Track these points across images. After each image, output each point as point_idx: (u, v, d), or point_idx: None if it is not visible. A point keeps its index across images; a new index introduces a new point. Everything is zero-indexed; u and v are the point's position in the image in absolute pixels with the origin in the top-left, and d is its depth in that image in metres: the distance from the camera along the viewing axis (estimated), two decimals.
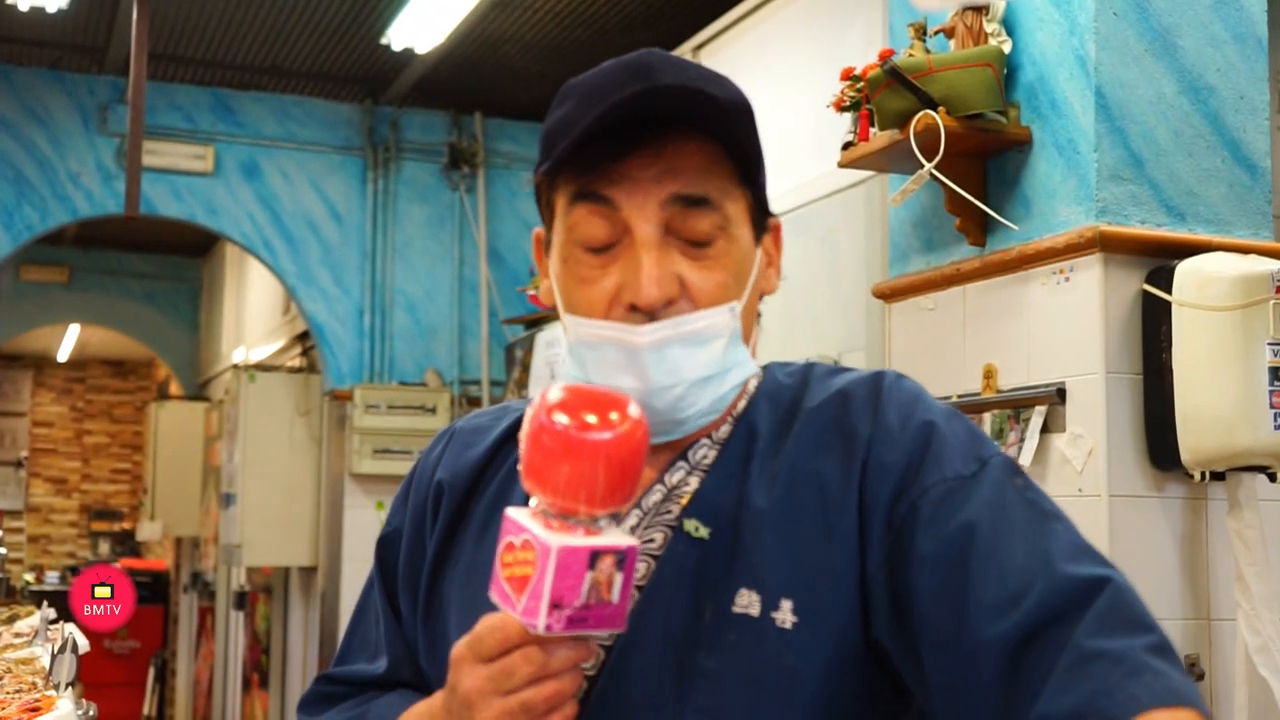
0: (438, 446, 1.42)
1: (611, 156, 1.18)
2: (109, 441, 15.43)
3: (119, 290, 11.32)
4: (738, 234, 1.22)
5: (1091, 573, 1.08)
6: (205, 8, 6.14)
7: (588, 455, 1.05)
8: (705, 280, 1.20)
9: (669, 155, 1.18)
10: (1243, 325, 2.82)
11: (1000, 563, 1.10)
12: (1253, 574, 2.86)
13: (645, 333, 1.17)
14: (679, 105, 1.17)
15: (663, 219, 1.19)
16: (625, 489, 1.08)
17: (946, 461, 1.18)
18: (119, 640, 11.09)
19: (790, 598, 1.16)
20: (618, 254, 1.20)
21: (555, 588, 1.03)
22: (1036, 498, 1.17)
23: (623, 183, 1.18)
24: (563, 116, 1.22)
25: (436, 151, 7.41)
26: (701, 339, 1.19)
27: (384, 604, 1.38)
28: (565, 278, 1.24)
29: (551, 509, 1.07)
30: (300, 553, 7.63)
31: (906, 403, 1.24)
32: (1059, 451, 3.08)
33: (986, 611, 1.08)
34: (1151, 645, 1.03)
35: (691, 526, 1.20)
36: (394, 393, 7.16)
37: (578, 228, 1.21)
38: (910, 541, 1.14)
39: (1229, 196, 3.17)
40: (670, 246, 1.19)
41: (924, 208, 3.54)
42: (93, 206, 6.91)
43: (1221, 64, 3.18)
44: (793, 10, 4.70)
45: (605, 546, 1.05)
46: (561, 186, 1.23)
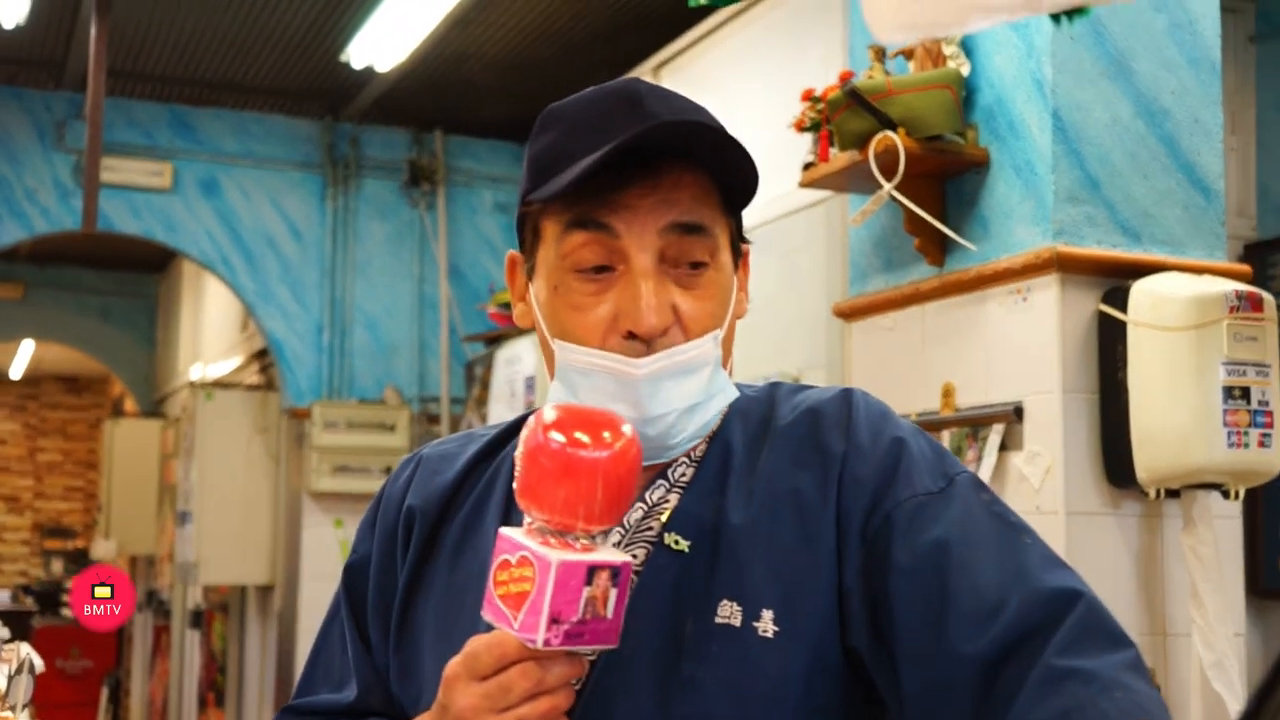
0: (405, 472, 1.42)
1: (609, 185, 1.21)
2: (63, 459, 15.29)
3: (74, 307, 11.23)
4: (723, 261, 1.26)
5: (1064, 587, 1.12)
6: (164, 23, 6.12)
7: (585, 473, 1.08)
8: (697, 309, 1.23)
9: (666, 185, 1.22)
10: (1197, 345, 2.86)
11: (975, 576, 1.14)
12: (1207, 590, 2.90)
13: (643, 365, 1.21)
14: (680, 139, 1.20)
15: (659, 247, 1.22)
16: (621, 505, 1.11)
17: (916, 477, 1.22)
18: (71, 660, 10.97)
19: (771, 608, 1.19)
20: (613, 281, 1.22)
21: (554, 602, 1.05)
22: (1003, 511, 1.22)
23: (621, 211, 1.21)
24: (552, 144, 1.25)
25: (397, 168, 7.41)
26: (690, 369, 1.23)
27: (352, 632, 1.38)
28: (556, 304, 1.25)
29: (549, 526, 1.09)
30: (257, 571, 7.59)
31: (876, 420, 1.27)
32: (1017, 469, 3.11)
33: (963, 625, 1.11)
34: (1122, 662, 1.07)
35: (672, 540, 1.23)
36: (353, 410, 7.14)
37: (573, 254, 1.23)
38: (886, 553, 1.18)
39: (1183, 218, 3.21)
40: (665, 275, 1.22)
41: (883, 228, 3.57)
42: (49, 223, 6.86)
43: (1176, 87, 3.23)
44: (754, 30, 4.73)
45: (602, 562, 1.07)
46: (554, 213, 1.25)
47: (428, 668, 1.26)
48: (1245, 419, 2.86)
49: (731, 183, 1.25)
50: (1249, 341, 2.87)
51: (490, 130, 7.46)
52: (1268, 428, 2.88)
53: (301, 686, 1.42)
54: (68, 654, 10.90)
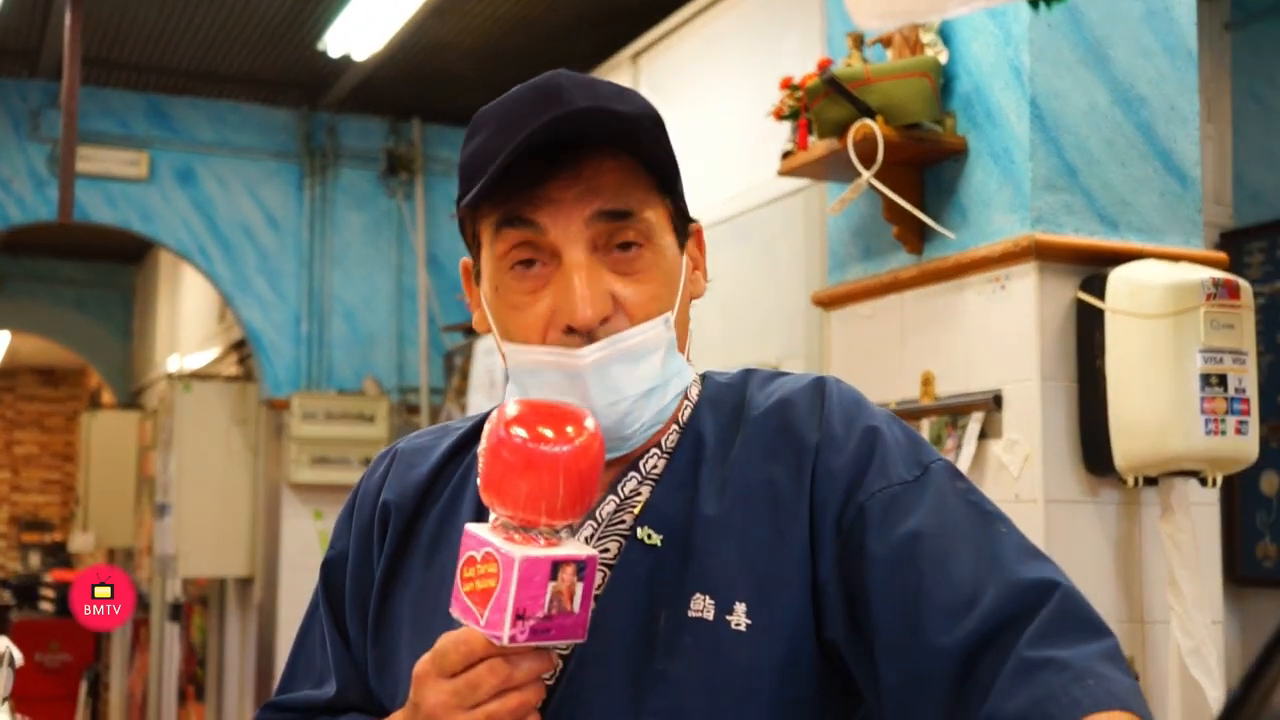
0: (380, 467, 1.42)
1: (532, 181, 1.20)
2: (39, 452, 15.22)
3: (50, 298, 11.18)
4: (662, 243, 1.25)
5: (1040, 578, 1.12)
6: (140, 11, 6.10)
7: (547, 468, 1.08)
8: (637, 294, 1.22)
9: (588, 174, 1.21)
10: (1174, 332, 2.88)
11: (951, 568, 1.14)
12: (1185, 577, 2.92)
13: (585, 355, 1.19)
14: (591, 126, 1.19)
15: (588, 237, 1.21)
16: (584, 500, 1.10)
17: (891, 467, 1.21)
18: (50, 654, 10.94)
19: (744, 601, 1.19)
20: (547, 277, 1.22)
21: (519, 598, 1.05)
22: (979, 500, 1.22)
23: (546, 205, 1.21)
24: (479, 147, 1.25)
25: (374, 158, 7.39)
26: (639, 354, 1.22)
27: (331, 627, 1.38)
28: (498, 305, 1.25)
29: (512, 522, 1.09)
30: (237, 563, 7.57)
31: (849, 409, 1.27)
32: (996, 457, 3.13)
33: (938, 617, 1.12)
34: (1098, 651, 1.07)
35: (644, 534, 1.23)
36: (332, 401, 7.13)
37: (507, 254, 1.23)
38: (861, 544, 1.18)
39: (1160, 205, 3.23)
40: (599, 264, 1.22)
41: (862, 216, 3.58)
42: (24, 213, 6.83)
43: (1153, 75, 3.24)
44: (731, 18, 4.73)
45: (566, 557, 1.07)
46: (485, 216, 1.25)
47: (404, 663, 1.25)
48: (1222, 406, 2.87)
49: (652, 163, 1.24)
50: (1226, 329, 2.88)
51: (468, 119, 7.37)
52: (1244, 415, 2.89)
53: (283, 683, 1.42)
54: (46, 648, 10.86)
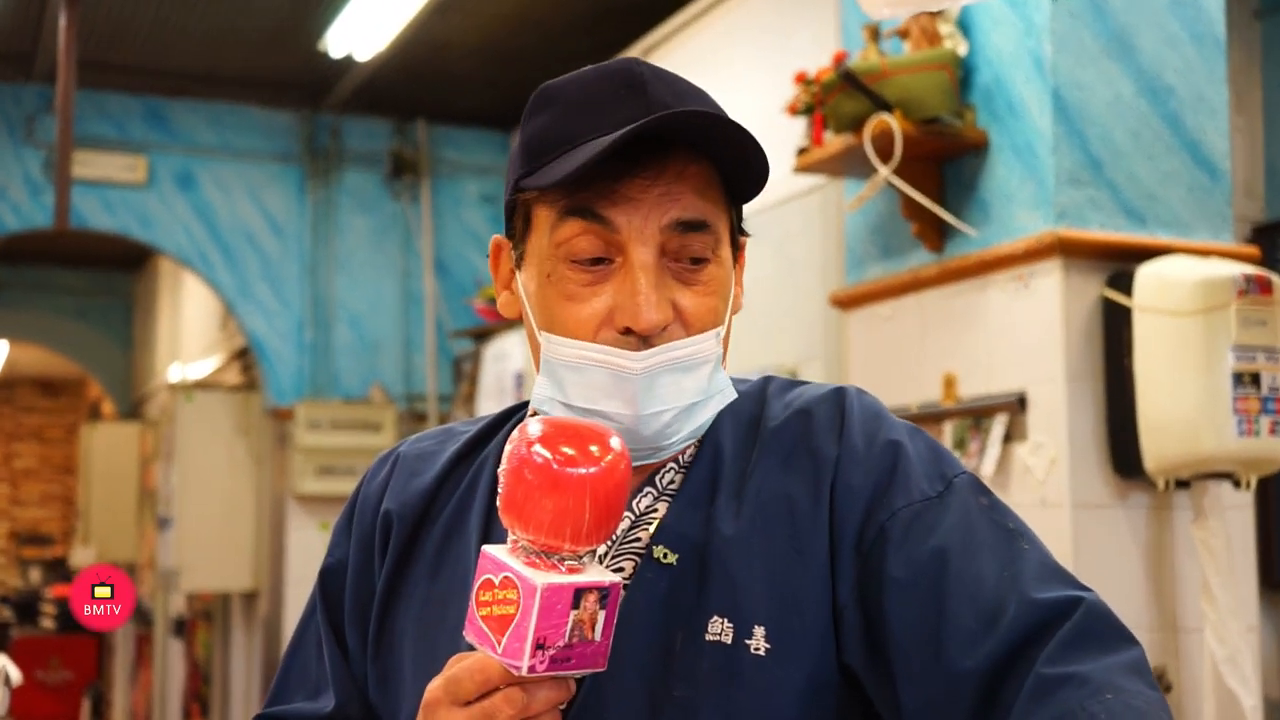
0: (381, 472, 1.40)
1: (611, 175, 1.18)
2: (39, 465, 15.26)
3: (48, 307, 11.20)
4: (724, 255, 1.24)
5: (1061, 595, 1.11)
6: (136, 12, 6.10)
7: (573, 490, 1.05)
8: (698, 305, 1.21)
9: (669, 176, 1.19)
10: (1205, 330, 2.86)
11: (973, 589, 1.13)
12: (1219, 584, 2.90)
13: (639, 359, 1.18)
14: (693, 131, 1.18)
15: (660, 242, 1.19)
16: (610, 524, 1.08)
17: (913, 482, 1.20)
18: (51, 671, 10.96)
19: (763, 624, 1.17)
20: (609, 274, 1.20)
21: (539, 627, 1.02)
22: (1002, 517, 1.20)
23: (622, 204, 1.18)
24: (549, 127, 1.22)
25: (378, 160, 7.39)
26: (689, 365, 1.20)
27: (329, 639, 1.36)
28: (548, 294, 1.22)
29: (533, 546, 1.06)
30: (241, 577, 7.57)
31: (870, 421, 1.25)
32: (1021, 461, 3.11)
33: (961, 640, 1.11)
34: (1119, 664, 1.07)
35: (660, 553, 1.21)
36: (337, 410, 7.13)
37: (568, 244, 1.20)
38: (881, 566, 1.16)
39: (1189, 199, 3.21)
40: (665, 271, 1.20)
41: (880, 213, 3.56)
42: (20, 220, 6.84)
43: (1180, 64, 3.22)
44: (743, 11, 4.72)
45: (590, 584, 1.05)
46: (548, 199, 1.21)
47: (408, 680, 1.24)
48: (1255, 406, 2.85)
49: (740, 176, 1.23)
50: (1258, 326, 2.86)
51: (474, 119, 7.45)
52: (1279, 414, 2.87)
53: (275, 693, 1.40)
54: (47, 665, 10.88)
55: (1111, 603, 1.15)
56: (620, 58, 1.25)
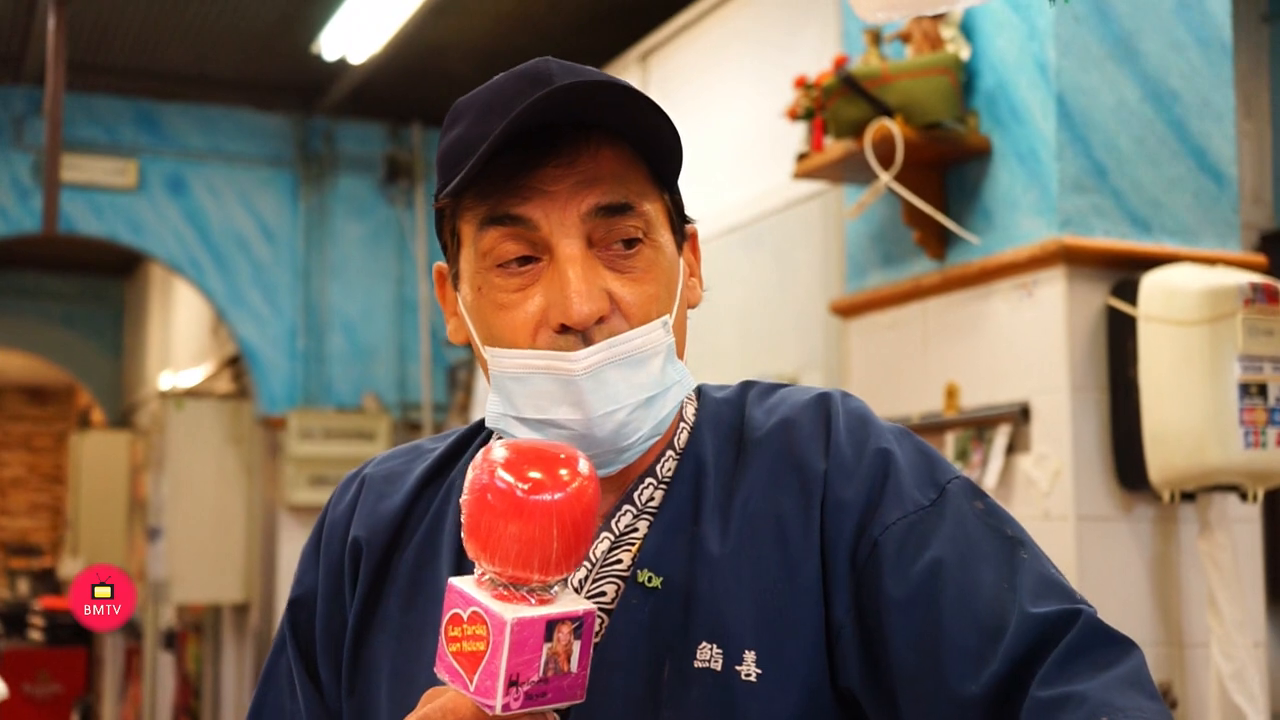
0: (346, 495, 1.35)
1: (519, 171, 1.15)
2: (27, 474, 15.25)
3: (36, 313, 11.20)
4: (661, 240, 1.20)
5: (1057, 609, 1.09)
6: (126, 14, 6.11)
7: (539, 518, 1.01)
8: (635, 293, 1.17)
9: (583, 163, 1.16)
10: (1211, 340, 2.86)
11: (972, 605, 1.11)
12: (1225, 598, 2.89)
13: (580, 358, 1.14)
14: (584, 106, 1.14)
15: (584, 232, 1.16)
16: (579, 551, 1.04)
17: (905, 493, 1.17)
18: (40, 684, 10.95)
19: (753, 649, 1.14)
20: (538, 274, 1.17)
21: (511, 664, 0.99)
22: (999, 522, 1.18)
23: (537, 198, 1.15)
24: (459, 136, 1.19)
25: (373, 164, 7.40)
26: (638, 358, 1.16)
27: (301, 673, 1.31)
28: (482, 307, 1.19)
29: (500, 578, 1.03)
30: (232, 589, 7.57)
31: (857, 429, 1.22)
32: (1024, 472, 3.11)
33: (963, 663, 1.09)
34: (1116, 679, 1.05)
35: (644, 576, 1.18)
36: (330, 418, 7.13)
37: (492, 252, 1.17)
38: (877, 584, 1.14)
39: (1195, 206, 3.21)
40: (595, 261, 1.16)
41: (881, 220, 3.56)
42: (7, 225, 6.85)
43: (1185, 69, 3.23)
44: (743, 15, 4.72)
45: (562, 614, 1.01)
46: (468, 211, 1.19)
47: (385, 714, 1.21)
48: (1262, 417, 2.85)
49: (654, 150, 1.19)
50: (1265, 336, 2.86)
51: None
52: None
53: None
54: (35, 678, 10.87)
55: (1116, 617, 1.14)
56: (535, 60, 1.21)
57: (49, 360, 11.58)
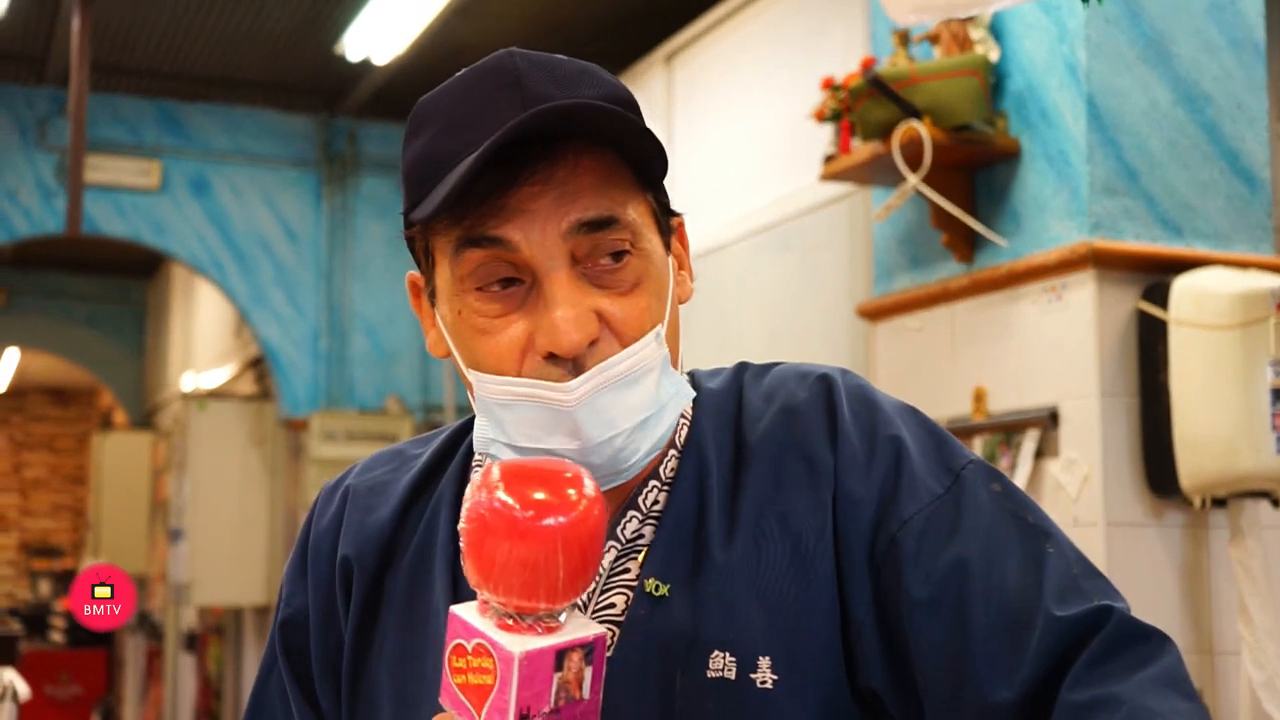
0: (329, 509, 1.29)
1: (496, 189, 1.08)
2: (49, 475, 15.33)
3: (60, 314, 11.26)
4: (648, 246, 1.14)
5: (1089, 607, 1.08)
6: (150, 15, 6.14)
7: (544, 543, 0.96)
8: (627, 309, 1.11)
9: (560, 177, 1.09)
10: (1243, 344, 2.85)
11: (998, 604, 1.09)
12: (1257, 605, 2.88)
13: (572, 389, 1.08)
14: (573, 122, 1.08)
15: (567, 250, 1.09)
16: (587, 575, 0.99)
17: (920, 483, 1.14)
18: (61, 686, 11.01)
19: (768, 655, 1.11)
20: (521, 296, 1.11)
21: (522, 698, 0.95)
22: (1018, 508, 1.15)
23: (516, 218, 1.09)
24: (426, 149, 1.13)
25: (396, 165, 7.36)
26: (631, 380, 1.11)
27: (298, 696, 1.27)
28: (463, 331, 1.13)
29: (504, 608, 0.98)
30: (253, 591, 7.60)
31: (863, 414, 1.18)
32: (1053, 478, 3.10)
33: (992, 666, 1.07)
34: (1150, 678, 1.04)
35: (651, 585, 1.14)
36: (353, 420, 7.15)
37: (471, 275, 1.11)
38: (898, 583, 1.11)
39: (1227, 209, 3.20)
40: (581, 280, 1.11)
41: (909, 223, 3.56)
42: (31, 225, 6.89)
43: (1218, 71, 3.22)
44: (769, 16, 4.72)
45: (572, 642, 0.97)
46: (442, 229, 1.12)
47: None
48: None
49: (635, 153, 1.12)
50: None
51: None
52: None
53: None
54: (57, 680, 10.94)
55: None
56: (497, 53, 1.14)
57: (72, 361, 11.64)
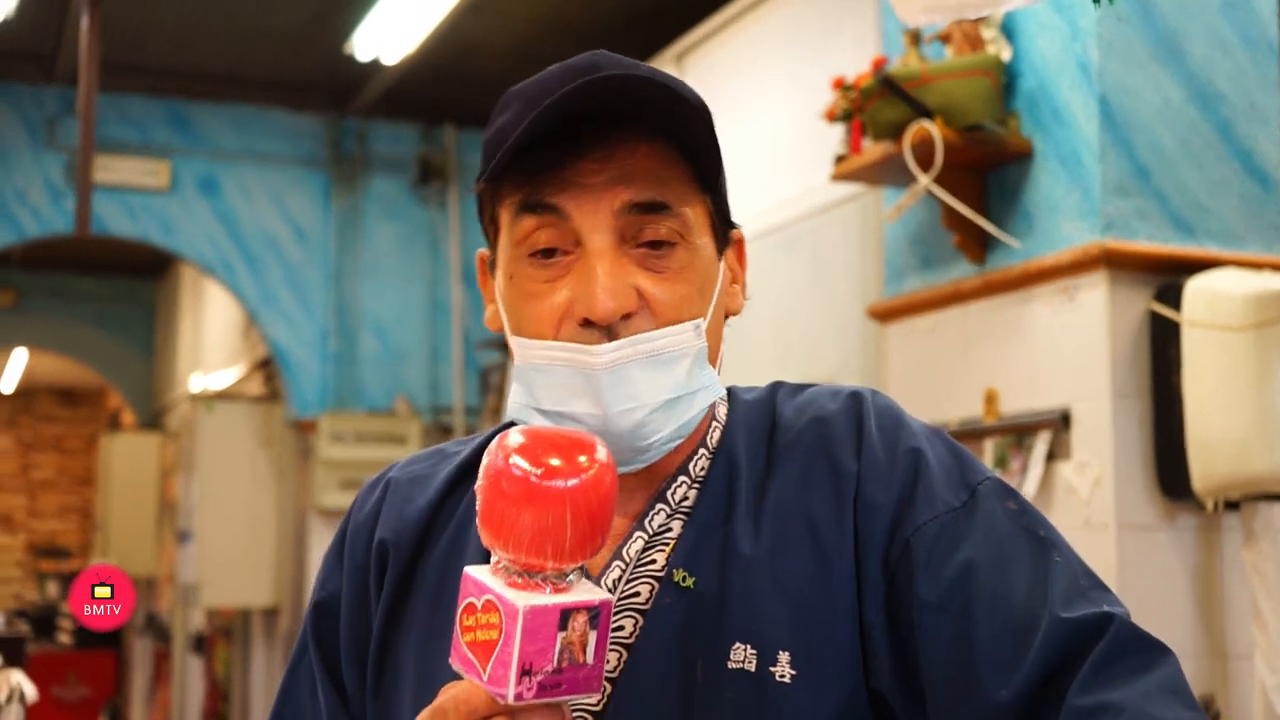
0: (370, 499, 1.36)
1: (558, 162, 1.15)
2: (57, 475, 15.36)
3: (68, 314, 11.29)
4: (698, 243, 1.20)
5: (1090, 613, 1.10)
6: (159, 14, 6.15)
7: (553, 504, 1.01)
8: (667, 292, 1.17)
9: (620, 158, 1.16)
10: (1256, 345, 2.84)
11: (1004, 608, 1.11)
12: (1270, 609, 2.87)
13: (602, 352, 1.14)
14: (630, 99, 1.14)
15: (616, 227, 1.16)
16: (595, 539, 1.03)
17: (937, 494, 1.18)
18: (68, 687, 11.02)
19: (788, 649, 1.15)
20: (568, 266, 1.17)
21: (524, 652, 0.99)
22: (1031, 523, 1.18)
23: (572, 189, 1.15)
24: (505, 123, 1.19)
25: (406, 165, 7.42)
26: (665, 359, 1.16)
27: (325, 680, 1.31)
28: (513, 295, 1.20)
29: (515, 565, 1.02)
30: (262, 593, 7.60)
31: (889, 429, 1.23)
32: (1064, 480, 3.09)
33: (995, 668, 1.09)
34: (1152, 687, 1.05)
35: (679, 576, 1.18)
36: (362, 422, 7.16)
37: (526, 240, 1.18)
38: (909, 586, 1.15)
39: (1240, 209, 3.19)
40: (626, 257, 1.17)
41: (921, 223, 3.55)
42: (40, 226, 6.90)
43: (1231, 70, 3.21)
44: (781, 15, 4.72)
45: (577, 603, 1.01)
46: (506, 198, 1.20)
47: (409, 717, 1.21)
48: None
49: (696, 151, 1.19)
50: None
51: None
52: None
53: None
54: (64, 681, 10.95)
55: (1157, 627, 1.14)
56: (589, 52, 1.21)
57: (80, 361, 11.67)
